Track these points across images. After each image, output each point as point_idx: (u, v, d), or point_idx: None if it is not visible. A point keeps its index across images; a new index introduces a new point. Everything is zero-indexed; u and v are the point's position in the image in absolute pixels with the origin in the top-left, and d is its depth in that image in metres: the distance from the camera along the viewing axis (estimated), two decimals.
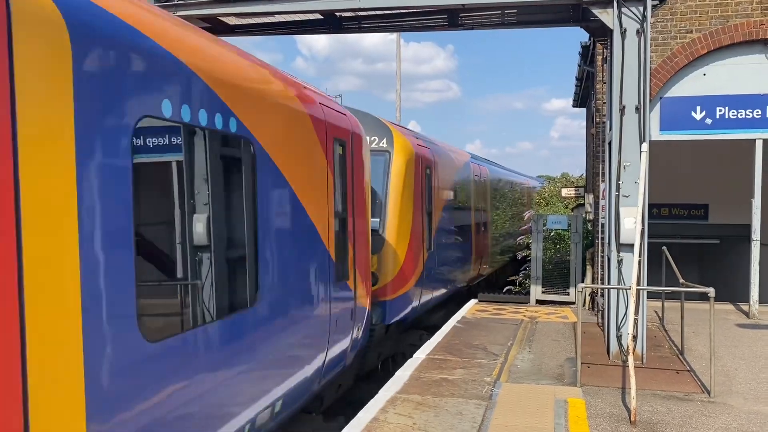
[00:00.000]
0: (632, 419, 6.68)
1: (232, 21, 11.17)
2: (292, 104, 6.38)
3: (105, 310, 3.67)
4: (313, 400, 7.53)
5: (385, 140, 10.95)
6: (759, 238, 11.63)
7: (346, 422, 6.86)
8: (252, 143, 5.41)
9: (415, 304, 11.46)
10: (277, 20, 11.42)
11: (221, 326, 4.89)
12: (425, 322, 13.22)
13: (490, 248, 18.32)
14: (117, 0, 4.06)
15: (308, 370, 6.57)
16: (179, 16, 9.86)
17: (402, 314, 10.90)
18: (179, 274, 4.70)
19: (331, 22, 11.27)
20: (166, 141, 4.68)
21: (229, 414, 4.99)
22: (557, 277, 15.28)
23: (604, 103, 11.18)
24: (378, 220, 10.48)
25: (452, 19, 10.73)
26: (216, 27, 11.11)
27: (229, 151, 5.27)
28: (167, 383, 4.23)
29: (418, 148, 11.76)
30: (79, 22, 3.51)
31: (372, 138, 10.74)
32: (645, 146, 8.62)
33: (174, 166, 4.71)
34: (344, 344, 7.70)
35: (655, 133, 11.16)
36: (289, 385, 6.11)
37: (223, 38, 11.22)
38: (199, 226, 4.73)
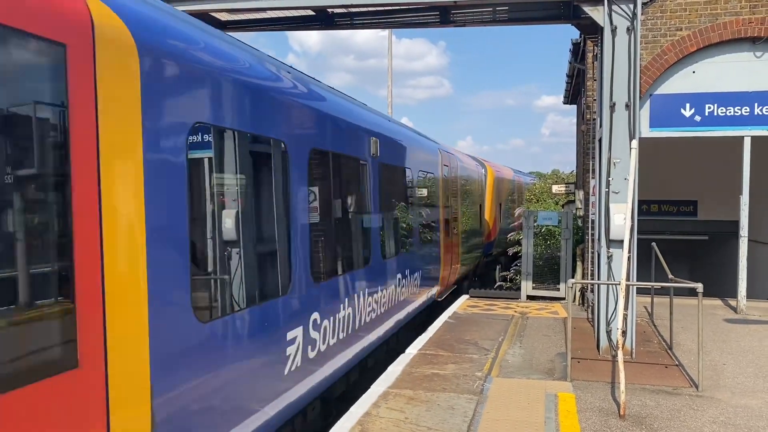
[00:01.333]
0: (621, 413, 6.76)
1: (224, 17, 11.16)
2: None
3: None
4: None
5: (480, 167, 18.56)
6: (747, 234, 11.75)
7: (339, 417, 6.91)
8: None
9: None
10: (268, 16, 11.41)
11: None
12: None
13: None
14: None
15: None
16: None
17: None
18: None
19: (323, 19, 11.27)
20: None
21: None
22: (548, 273, 15.37)
23: (595, 100, 11.25)
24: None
25: (444, 16, 10.77)
26: (207, 23, 11.08)
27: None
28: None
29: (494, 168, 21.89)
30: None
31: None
32: (634, 143, 8.69)
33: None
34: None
35: (645, 130, 11.24)
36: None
37: None
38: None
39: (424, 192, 12.62)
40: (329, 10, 10.92)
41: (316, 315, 6.89)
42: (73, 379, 3.52)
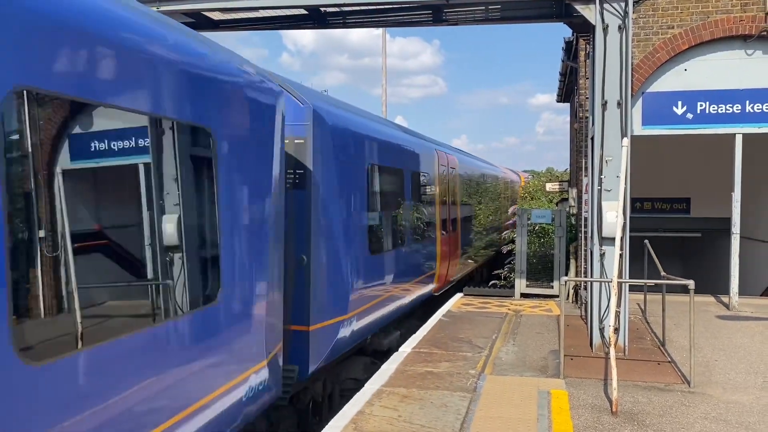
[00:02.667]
0: (614, 409, 6.80)
1: (216, 16, 11.15)
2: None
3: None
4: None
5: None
6: (739, 231, 11.81)
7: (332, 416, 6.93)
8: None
9: None
10: (261, 15, 11.41)
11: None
12: None
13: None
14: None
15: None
16: (163, 11, 9.83)
17: None
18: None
19: (316, 18, 11.27)
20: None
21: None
22: (541, 271, 15.41)
23: (587, 98, 11.29)
24: None
25: (437, 15, 10.79)
26: (200, 22, 11.08)
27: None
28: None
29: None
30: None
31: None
32: (626, 141, 8.73)
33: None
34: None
35: (637, 128, 11.28)
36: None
37: (207, 33, 11.21)
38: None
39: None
40: (322, 9, 10.92)
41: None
42: None
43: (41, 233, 3.69)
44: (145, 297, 4.70)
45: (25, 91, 3.52)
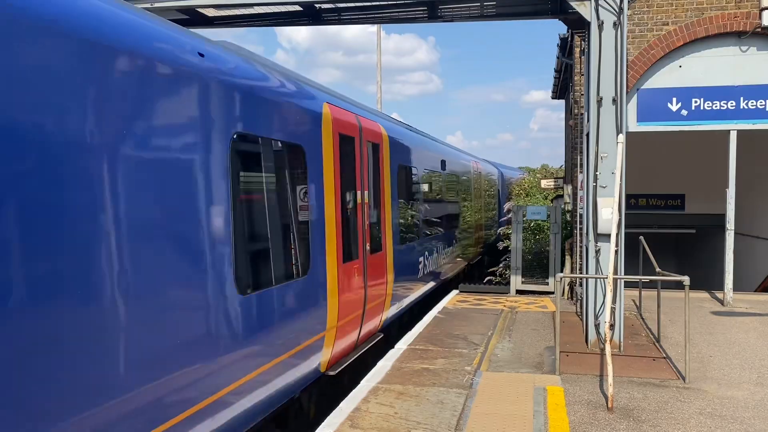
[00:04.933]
0: (609, 406, 6.81)
1: (211, 12, 11.10)
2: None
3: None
4: None
5: None
6: (733, 228, 11.85)
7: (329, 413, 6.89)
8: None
9: None
10: (256, 12, 11.37)
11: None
12: None
13: None
14: None
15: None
16: (157, 8, 9.78)
17: None
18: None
19: (311, 14, 11.24)
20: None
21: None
22: (537, 268, 15.43)
23: (582, 94, 11.29)
24: None
25: (432, 11, 10.76)
26: (194, 19, 11.03)
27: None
28: None
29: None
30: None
31: None
32: (621, 137, 8.73)
33: None
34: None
35: (632, 125, 11.31)
36: None
37: (201, 30, 11.14)
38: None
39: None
40: (317, 5, 10.89)
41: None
42: None
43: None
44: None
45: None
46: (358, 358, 8.95)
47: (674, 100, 11.26)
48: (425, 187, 13.56)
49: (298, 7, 11.01)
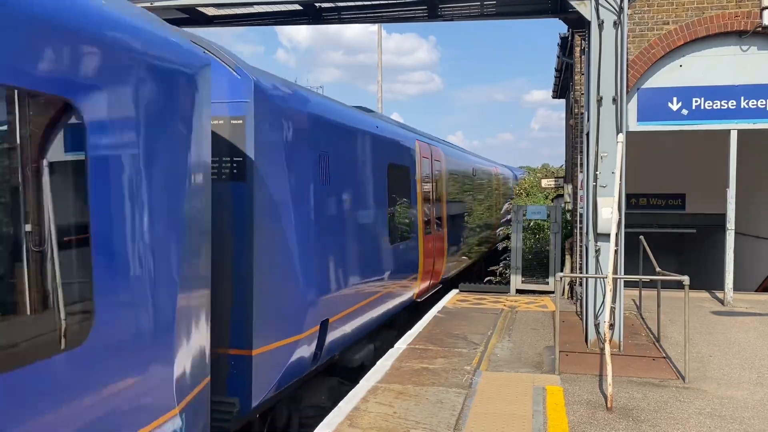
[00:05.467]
0: (609, 406, 6.80)
1: (211, 12, 11.09)
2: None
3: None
4: None
5: None
6: (734, 227, 11.83)
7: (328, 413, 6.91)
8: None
9: None
10: (255, 11, 11.36)
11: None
12: None
13: None
14: None
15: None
16: (157, 7, 9.77)
17: None
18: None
19: (311, 13, 11.23)
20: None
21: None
22: (537, 267, 15.41)
23: (582, 94, 11.28)
24: None
25: (432, 10, 10.75)
26: (194, 18, 11.02)
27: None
28: None
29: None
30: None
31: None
32: (621, 137, 8.72)
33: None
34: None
35: (633, 124, 11.30)
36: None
37: (201, 29, 11.13)
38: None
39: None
40: (317, 4, 10.88)
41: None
42: None
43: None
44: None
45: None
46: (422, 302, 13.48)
47: (675, 99, 11.25)
48: (465, 188, 18.41)
49: (298, 6, 11.01)
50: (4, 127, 3.35)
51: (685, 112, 11.26)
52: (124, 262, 4.00)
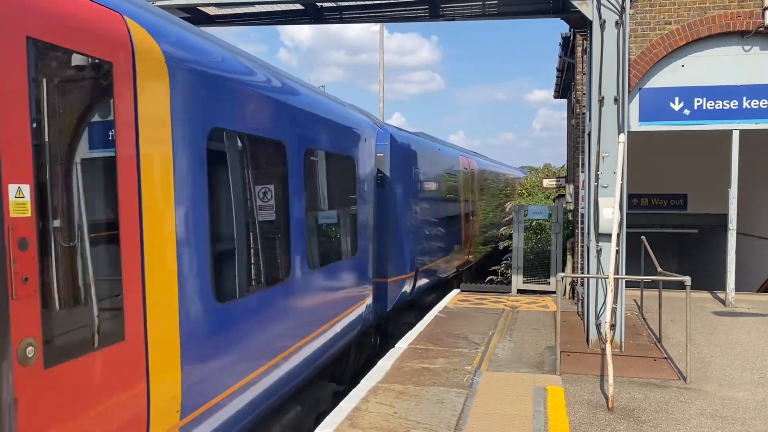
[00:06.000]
0: (610, 406, 6.79)
1: (212, 11, 11.10)
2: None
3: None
4: None
5: None
6: (735, 228, 11.81)
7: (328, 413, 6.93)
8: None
9: None
10: (257, 10, 11.37)
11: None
12: None
13: None
14: None
15: None
16: (159, 6, 9.76)
17: None
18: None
19: (313, 13, 11.23)
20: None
21: None
22: (538, 267, 15.39)
23: (584, 94, 11.26)
24: None
25: (433, 10, 10.75)
26: (196, 17, 11.02)
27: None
28: None
29: None
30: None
31: None
32: (622, 137, 8.70)
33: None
34: None
35: (635, 124, 11.28)
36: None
37: (205, 28, 11.13)
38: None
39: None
40: (318, 3, 10.88)
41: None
42: None
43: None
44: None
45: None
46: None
47: (677, 99, 11.23)
48: (488, 189, 23.37)
49: (299, 6, 11.01)
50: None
51: (687, 112, 11.24)
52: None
